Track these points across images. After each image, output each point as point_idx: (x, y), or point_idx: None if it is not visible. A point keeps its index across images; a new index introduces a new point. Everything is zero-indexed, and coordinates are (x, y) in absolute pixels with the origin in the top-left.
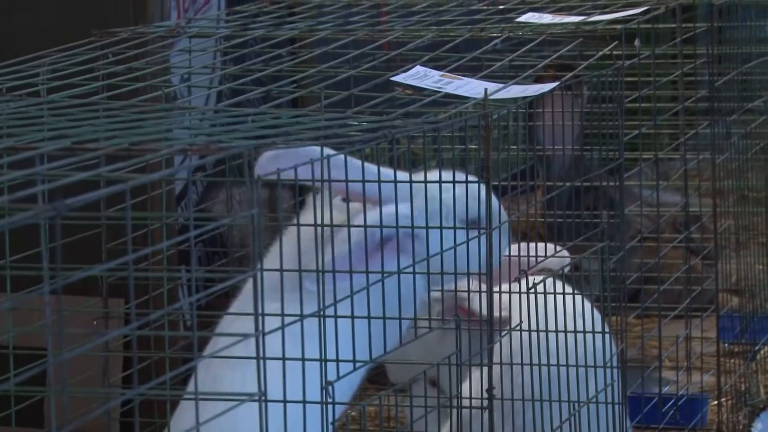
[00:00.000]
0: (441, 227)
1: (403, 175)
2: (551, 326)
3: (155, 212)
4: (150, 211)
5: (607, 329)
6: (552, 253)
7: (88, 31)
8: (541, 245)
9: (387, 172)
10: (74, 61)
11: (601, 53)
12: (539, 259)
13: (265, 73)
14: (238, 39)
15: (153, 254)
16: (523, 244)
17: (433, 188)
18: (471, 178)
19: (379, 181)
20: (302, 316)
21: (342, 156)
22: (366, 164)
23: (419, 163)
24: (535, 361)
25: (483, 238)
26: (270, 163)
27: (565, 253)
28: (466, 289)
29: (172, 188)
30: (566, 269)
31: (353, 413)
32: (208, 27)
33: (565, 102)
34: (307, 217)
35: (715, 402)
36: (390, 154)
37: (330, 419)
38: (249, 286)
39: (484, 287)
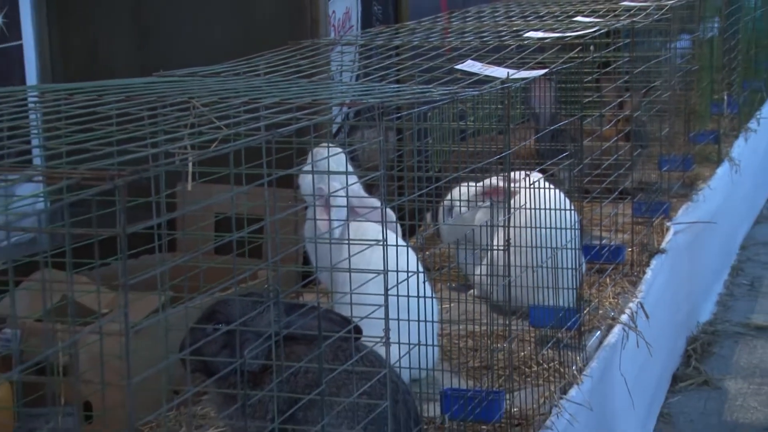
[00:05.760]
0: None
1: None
2: (542, 206)
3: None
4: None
5: (572, 208)
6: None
7: (286, 41)
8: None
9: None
10: (279, 57)
11: (569, 56)
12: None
13: (383, 65)
14: (368, 46)
15: None
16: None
17: None
18: None
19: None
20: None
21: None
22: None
23: (468, 116)
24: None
25: None
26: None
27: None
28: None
29: (329, 129)
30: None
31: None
32: (351, 39)
33: (547, 84)
34: None
35: (630, 249)
36: (454, 110)
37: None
38: None
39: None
